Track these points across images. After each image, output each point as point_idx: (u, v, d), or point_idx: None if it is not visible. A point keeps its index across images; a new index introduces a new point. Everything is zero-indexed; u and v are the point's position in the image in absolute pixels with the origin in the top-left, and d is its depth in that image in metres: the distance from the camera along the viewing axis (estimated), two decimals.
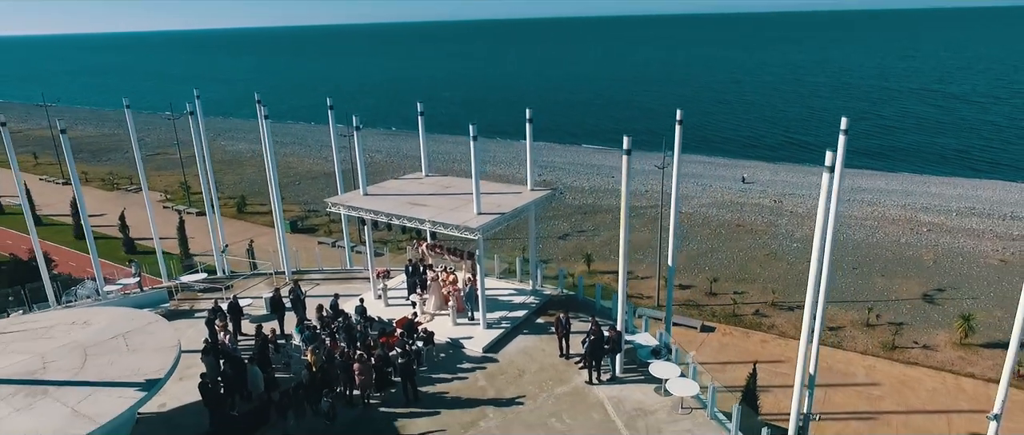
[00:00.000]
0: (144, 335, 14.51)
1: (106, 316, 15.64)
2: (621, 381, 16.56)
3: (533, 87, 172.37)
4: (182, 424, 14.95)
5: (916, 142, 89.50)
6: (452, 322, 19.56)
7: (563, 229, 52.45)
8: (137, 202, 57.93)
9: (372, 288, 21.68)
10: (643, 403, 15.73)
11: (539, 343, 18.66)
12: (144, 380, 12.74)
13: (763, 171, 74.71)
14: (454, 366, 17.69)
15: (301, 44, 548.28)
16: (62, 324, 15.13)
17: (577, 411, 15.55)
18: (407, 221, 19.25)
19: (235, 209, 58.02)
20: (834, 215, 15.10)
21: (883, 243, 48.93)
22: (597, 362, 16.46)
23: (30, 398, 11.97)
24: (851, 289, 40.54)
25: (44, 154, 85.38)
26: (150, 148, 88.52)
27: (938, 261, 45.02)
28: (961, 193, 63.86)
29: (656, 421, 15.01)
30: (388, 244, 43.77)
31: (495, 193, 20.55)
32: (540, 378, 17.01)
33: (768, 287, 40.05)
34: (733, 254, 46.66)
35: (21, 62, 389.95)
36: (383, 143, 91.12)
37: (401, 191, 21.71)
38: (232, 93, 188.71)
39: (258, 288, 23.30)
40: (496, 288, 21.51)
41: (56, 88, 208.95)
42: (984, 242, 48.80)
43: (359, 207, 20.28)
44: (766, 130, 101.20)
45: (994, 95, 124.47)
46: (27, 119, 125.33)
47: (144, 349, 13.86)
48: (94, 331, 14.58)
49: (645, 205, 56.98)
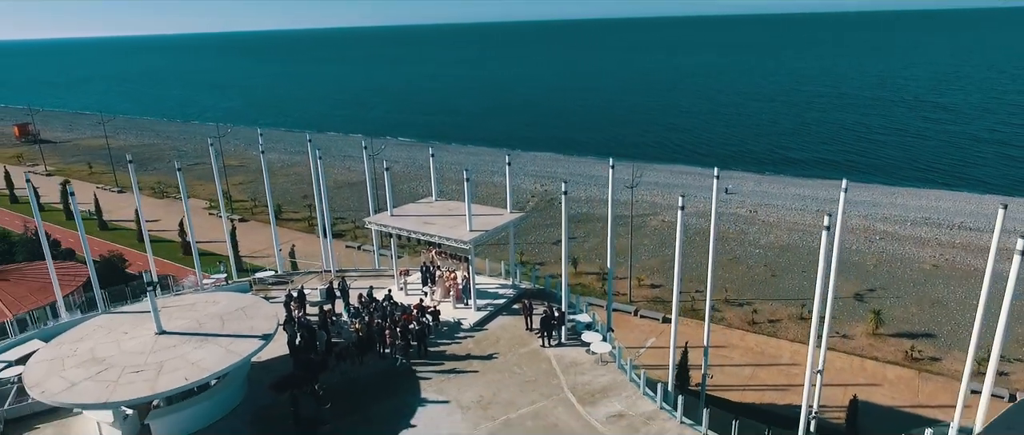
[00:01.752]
0: (255, 309, 23.10)
1: (226, 297, 24.28)
2: (564, 345, 24.83)
3: (539, 96, 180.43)
4: (275, 368, 23.46)
5: (895, 155, 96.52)
6: (453, 306, 27.97)
7: (557, 236, 60.67)
8: (180, 209, 67.04)
9: (396, 282, 30.17)
10: (576, 359, 24.02)
11: (513, 321, 27.00)
12: (261, 334, 21.28)
13: (748, 182, 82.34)
14: (453, 335, 26.10)
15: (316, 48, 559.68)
16: (200, 303, 23.79)
17: (532, 364, 23.88)
18: (421, 235, 27.72)
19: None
20: (834, 269, 23.00)
21: (849, 250, 56.54)
22: (548, 332, 24.76)
23: (200, 343, 20.56)
24: (796, 289, 48.42)
25: (97, 163, 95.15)
26: (190, 158, 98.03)
27: (878, 265, 52.67)
28: (923, 204, 71.08)
29: (582, 369, 23.27)
30: (406, 249, 52.46)
31: (483, 215, 28.94)
32: (510, 344, 25.35)
33: (724, 286, 48.03)
34: (701, 258, 54.53)
35: (49, 68, 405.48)
36: (400, 153, 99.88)
37: (417, 213, 30.22)
38: (256, 100, 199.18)
39: (312, 282, 31.88)
40: (485, 283, 29.87)
41: (88, 96, 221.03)
42: (925, 249, 56.26)
43: (388, 225, 28.84)
44: (756, 142, 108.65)
45: (984, 106, 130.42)
46: (73, 128, 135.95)
47: (257, 317, 22.42)
48: (222, 306, 23.19)
49: (630, 214, 64.93)
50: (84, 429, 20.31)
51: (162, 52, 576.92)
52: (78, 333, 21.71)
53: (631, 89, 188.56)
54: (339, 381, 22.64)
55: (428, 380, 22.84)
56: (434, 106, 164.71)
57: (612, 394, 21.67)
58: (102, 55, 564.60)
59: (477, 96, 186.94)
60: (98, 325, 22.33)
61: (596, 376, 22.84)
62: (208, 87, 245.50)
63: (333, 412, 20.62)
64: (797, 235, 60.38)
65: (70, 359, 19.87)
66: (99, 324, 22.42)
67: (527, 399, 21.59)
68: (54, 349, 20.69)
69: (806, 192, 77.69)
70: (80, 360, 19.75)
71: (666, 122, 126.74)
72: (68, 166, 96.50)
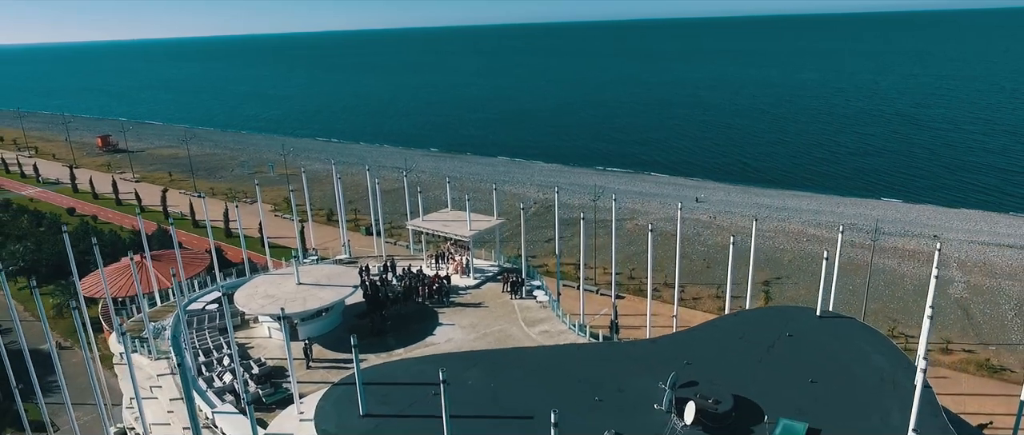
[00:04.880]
0: (345, 274, 41.85)
1: (329, 267, 43.09)
2: (523, 299, 43.06)
3: (547, 106, 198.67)
4: (358, 308, 42.04)
5: (857, 167, 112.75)
6: (459, 276, 46.40)
7: (549, 235, 78.79)
8: (252, 211, 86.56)
9: (424, 263, 48.73)
10: (528, 305, 42.27)
11: (495, 285, 45.35)
12: (351, 286, 39.97)
13: (718, 192, 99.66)
14: (458, 292, 44.56)
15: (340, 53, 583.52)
16: (315, 270, 42.59)
17: (503, 307, 42.22)
18: (439, 233, 46.26)
19: (325, 218, 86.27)
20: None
21: (766, 248, 73.70)
22: (514, 291, 43.03)
23: (326, 286, 39.32)
24: (719, 276, 65.85)
25: (175, 172, 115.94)
26: (248, 167, 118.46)
27: (792, 261, 69.88)
28: (859, 212, 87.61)
29: (530, 310, 41.52)
30: (430, 244, 71.04)
31: (478, 220, 47.38)
32: (492, 296, 43.72)
33: (664, 274, 65.72)
34: (658, 255, 72.34)
35: (89, 73, 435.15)
36: (427, 164, 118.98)
37: (436, 218, 48.85)
38: (293, 110, 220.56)
39: (372, 262, 50.59)
40: (479, 263, 48.22)
41: (139, 105, 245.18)
42: (834, 249, 72.98)
43: (420, 226, 47.52)
44: (733, 155, 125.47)
45: (954, 120, 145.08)
46: (141, 138, 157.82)
47: (346, 278, 41.14)
48: (327, 272, 41.97)
49: (610, 219, 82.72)
50: (260, 331, 39.17)
51: (193, 58, 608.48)
52: (252, 284, 40.64)
53: (630, 102, 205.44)
54: (392, 314, 41.19)
55: (443, 314, 41.30)
56: (456, 119, 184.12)
57: (544, 322, 39.84)
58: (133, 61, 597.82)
59: (493, 107, 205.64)
60: (261, 280, 41.31)
61: (537, 314, 41.04)
62: (247, 97, 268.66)
63: (391, 329, 39.09)
64: (740, 237, 77.52)
65: (254, 296, 38.74)
66: (262, 279, 41.44)
67: (497, 324, 39.87)
68: (245, 290, 39.63)
69: (766, 201, 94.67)
70: (260, 295, 38.64)
71: (659, 138, 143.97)
72: (150, 174, 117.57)
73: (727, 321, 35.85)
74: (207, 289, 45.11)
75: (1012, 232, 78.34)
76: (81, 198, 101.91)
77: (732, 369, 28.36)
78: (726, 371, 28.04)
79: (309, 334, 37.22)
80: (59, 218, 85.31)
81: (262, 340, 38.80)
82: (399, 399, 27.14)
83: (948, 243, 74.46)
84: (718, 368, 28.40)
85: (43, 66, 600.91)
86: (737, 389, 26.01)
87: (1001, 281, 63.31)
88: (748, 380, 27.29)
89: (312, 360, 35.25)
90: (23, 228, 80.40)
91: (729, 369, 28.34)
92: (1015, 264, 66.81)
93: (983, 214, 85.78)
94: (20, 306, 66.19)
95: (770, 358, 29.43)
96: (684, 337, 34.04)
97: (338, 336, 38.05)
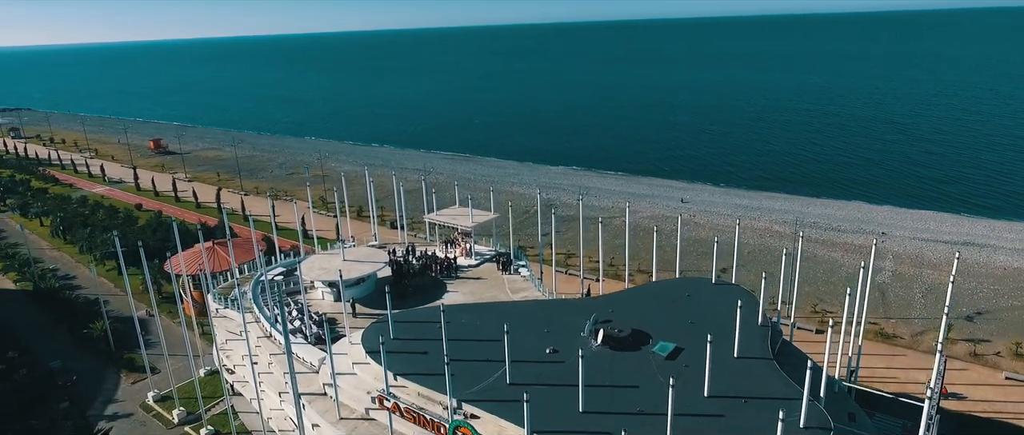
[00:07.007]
0: (378, 254, 56.76)
1: (365, 249, 58.10)
2: (511, 275, 57.60)
3: (556, 109, 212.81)
4: (386, 280, 56.92)
5: (835, 170, 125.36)
6: (464, 258, 61.08)
7: (546, 230, 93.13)
8: (288, 208, 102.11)
9: (438, 248, 63.50)
10: (515, 279, 56.86)
11: (491, 265, 59.97)
12: (382, 262, 54.88)
13: (702, 193, 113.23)
14: (462, 269, 59.25)
15: (358, 54, 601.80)
16: (355, 251, 57.58)
17: (495, 280, 56.89)
18: (448, 224, 61.06)
19: (356, 214, 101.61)
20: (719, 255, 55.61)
21: (732, 242, 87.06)
22: (505, 268, 57.60)
23: (364, 262, 54.26)
24: (686, 263, 79.62)
25: (223, 172, 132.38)
26: (285, 168, 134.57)
27: (751, 253, 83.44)
28: (828, 213, 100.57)
29: (516, 282, 56.09)
30: (441, 233, 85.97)
31: (480, 214, 62.02)
32: (488, 273, 58.43)
33: (639, 261, 79.69)
34: (635, 246, 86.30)
35: (114, 76, 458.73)
36: (445, 166, 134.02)
37: (447, 213, 63.73)
38: (316, 113, 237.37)
39: (397, 246, 65.46)
40: (480, 248, 62.84)
41: (172, 108, 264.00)
42: (792, 243, 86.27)
43: (434, 219, 62.41)
44: (723, 159, 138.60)
45: (941, 129, 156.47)
46: (184, 140, 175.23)
47: (378, 256, 56.11)
48: (364, 252, 57.00)
49: (604, 217, 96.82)
50: (315, 295, 54.22)
51: (216, 60, 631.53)
52: (311, 260, 55.67)
53: (634, 106, 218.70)
54: (413, 284, 55.93)
55: (451, 284, 56.06)
56: (471, 122, 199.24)
57: (525, 291, 54.28)
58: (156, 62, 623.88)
59: (506, 111, 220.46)
60: (316, 258, 56.40)
61: (520, 285, 55.55)
62: (272, 100, 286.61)
63: (411, 294, 53.79)
64: (709, 232, 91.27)
65: (313, 268, 53.75)
66: (316, 257, 56.53)
67: (490, 292, 54.44)
68: (307, 263, 54.67)
69: (744, 202, 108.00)
70: (317, 268, 53.67)
71: (658, 140, 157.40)
72: (199, 174, 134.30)
73: (649, 287, 50.23)
74: (272, 266, 60.43)
75: (954, 230, 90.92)
76: (143, 195, 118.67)
77: (640, 315, 42.56)
78: (635, 316, 42.29)
79: (353, 296, 52.18)
80: (132, 212, 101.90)
81: (316, 302, 53.92)
82: (416, 330, 41.83)
83: (892, 239, 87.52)
84: (631, 314, 42.64)
85: (68, 68, 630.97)
86: (637, 326, 40.24)
87: (923, 270, 76.32)
88: (648, 321, 41.49)
89: (355, 314, 50.19)
90: (103, 221, 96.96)
91: (638, 315, 42.55)
92: (940, 257, 79.67)
93: (935, 215, 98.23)
94: (110, 283, 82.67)
95: (669, 309, 43.61)
96: (616, 296, 48.42)
97: (372, 299, 52.98)
